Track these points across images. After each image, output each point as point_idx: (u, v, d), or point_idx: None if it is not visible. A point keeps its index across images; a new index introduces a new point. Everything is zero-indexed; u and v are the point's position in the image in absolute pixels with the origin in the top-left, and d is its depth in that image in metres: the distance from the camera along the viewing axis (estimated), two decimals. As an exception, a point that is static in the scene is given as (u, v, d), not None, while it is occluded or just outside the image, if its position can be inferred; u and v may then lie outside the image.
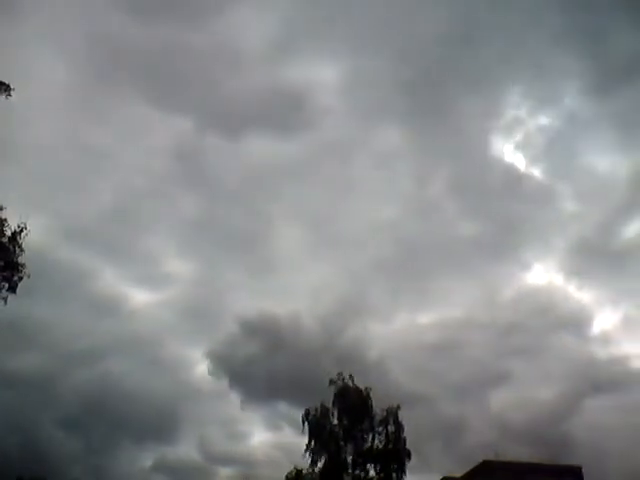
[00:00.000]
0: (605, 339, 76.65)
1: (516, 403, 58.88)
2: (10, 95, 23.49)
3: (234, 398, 65.12)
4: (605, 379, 63.84)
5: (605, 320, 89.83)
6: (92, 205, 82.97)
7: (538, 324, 72.67)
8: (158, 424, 63.71)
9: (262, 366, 63.05)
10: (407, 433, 37.88)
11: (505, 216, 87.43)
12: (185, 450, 62.68)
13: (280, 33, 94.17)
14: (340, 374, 38.19)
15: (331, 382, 37.98)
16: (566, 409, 58.77)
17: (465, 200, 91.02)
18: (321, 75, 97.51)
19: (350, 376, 38.16)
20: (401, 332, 70.92)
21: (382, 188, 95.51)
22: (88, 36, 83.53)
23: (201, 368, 72.33)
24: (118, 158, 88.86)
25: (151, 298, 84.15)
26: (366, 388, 38.17)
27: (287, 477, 38.31)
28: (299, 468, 37.98)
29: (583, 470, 41.72)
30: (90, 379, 61.73)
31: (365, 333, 66.46)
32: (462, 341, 68.52)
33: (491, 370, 63.33)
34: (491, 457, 41.22)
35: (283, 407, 58.67)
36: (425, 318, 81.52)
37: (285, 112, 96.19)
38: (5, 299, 24.89)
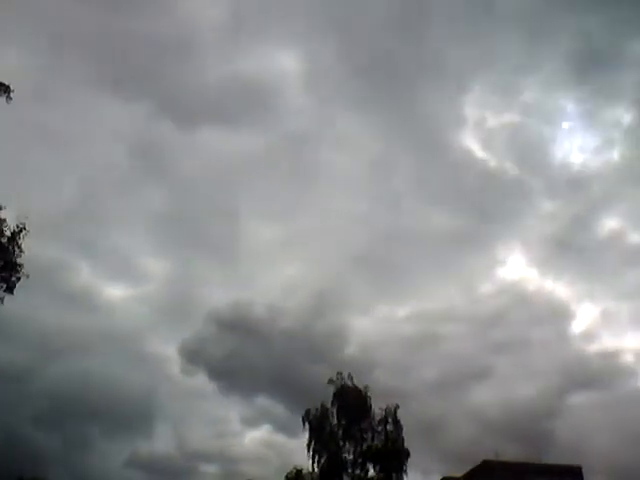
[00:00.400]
0: (586, 334, 77.49)
1: (497, 399, 58.67)
2: (10, 97, 22.83)
3: (212, 394, 65.69)
4: (587, 374, 64.45)
5: (585, 315, 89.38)
6: (56, 199, 78.78)
7: (515, 319, 73.16)
8: (135, 420, 63.24)
9: (239, 361, 63.56)
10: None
11: (479, 209, 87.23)
12: (162, 446, 62.15)
13: (234, 20, 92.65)
14: (339, 374, 38.28)
15: (330, 381, 38.05)
16: (549, 405, 58.45)
17: (437, 192, 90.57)
18: (278, 63, 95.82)
19: (349, 375, 38.24)
20: (379, 326, 70.91)
21: (349, 179, 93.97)
22: (43, 28, 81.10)
23: (177, 364, 70.80)
24: (77, 151, 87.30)
25: (125, 294, 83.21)
26: (365, 387, 38.24)
27: (287, 477, 38.27)
28: (299, 468, 38.00)
29: (583, 470, 41.88)
30: (65, 375, 60.70)
31: (342, 327, 66.99)
32: (441, 335, 68.49)
33: (471, 364, 63.06)
34: (490, 457, 41.30)
35: (263, 401, 59.82)
36: (402, 312, 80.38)
37: (245, 102, 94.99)
38: (2, 299, 24.98)
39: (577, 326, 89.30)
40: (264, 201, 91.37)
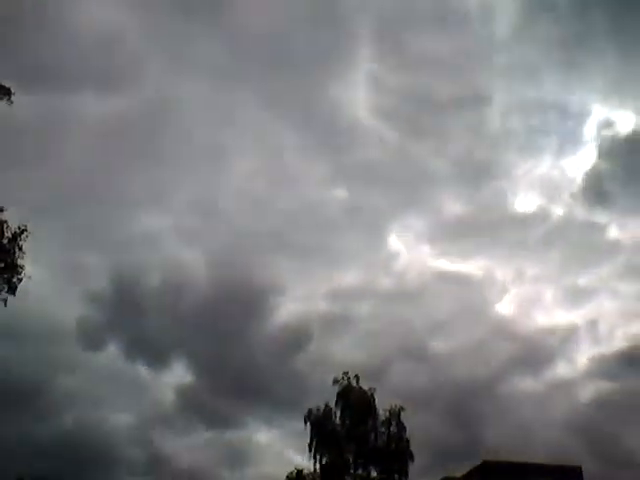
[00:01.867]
0: (511, 314, 76.95)
1: (427, 381, 57.45)
2: (11, 100, 21.63)
3: (122, 372, 65.14)
4: (519, 356, 65.04)
5: (508, 294, 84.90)
6: None
7: (435, 299, 73.64)
8: (32, 402, 57.37)
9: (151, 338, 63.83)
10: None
11: (384, 185, 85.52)
12: (69, 430, 57.93)
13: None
14: (345, 373, 37.90)
15: (335, 382, 37.73)
16: (482, 387, 58.26)
17: (335, 167, 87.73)
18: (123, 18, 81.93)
19: (355, 376, 37.81)
20: (295, 305, 70.83)
21: (232, 150, 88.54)
22: None
23: (77, 341, 67.07)
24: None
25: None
26: (370, 389, 37.97)
27: (288, 477, 37.92)
28: (300, 468, 37.71)
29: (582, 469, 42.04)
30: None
31: (256, 306, 67.24)
32: (360, 315, 68.14)
33: (396, 344, 62.31)
34: (490, 457, 41.27)
35: (179, 379, 61.07)
36: (316, 290, 77.71)
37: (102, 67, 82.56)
38: (5, 300, 24.33)
39: (502, 306, 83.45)
40: (144, 179, 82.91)
